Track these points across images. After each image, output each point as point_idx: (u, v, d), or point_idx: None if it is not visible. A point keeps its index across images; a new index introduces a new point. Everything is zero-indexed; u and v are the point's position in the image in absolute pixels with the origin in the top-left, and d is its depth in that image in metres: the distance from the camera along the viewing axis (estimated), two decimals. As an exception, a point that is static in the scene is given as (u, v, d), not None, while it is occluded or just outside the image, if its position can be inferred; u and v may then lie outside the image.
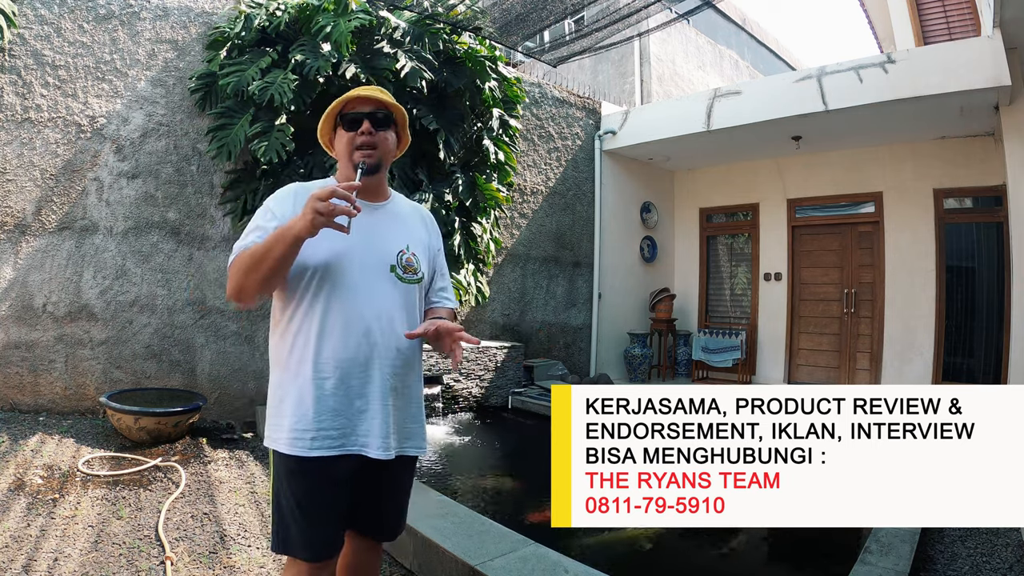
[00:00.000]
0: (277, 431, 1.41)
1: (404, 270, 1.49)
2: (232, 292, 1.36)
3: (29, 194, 3.96)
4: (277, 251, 1.27)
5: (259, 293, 1.35)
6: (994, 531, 2.76)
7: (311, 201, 1.22)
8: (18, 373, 3.92)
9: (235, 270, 1.34)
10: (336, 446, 1.37)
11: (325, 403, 1.38)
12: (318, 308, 1.39)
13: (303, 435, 1.37)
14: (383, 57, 4.32)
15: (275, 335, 1.47)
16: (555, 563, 2.13)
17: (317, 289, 1.40)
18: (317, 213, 1.21)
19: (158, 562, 2.39)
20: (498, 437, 4.73)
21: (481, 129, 5.12)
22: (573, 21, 5.72)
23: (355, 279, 1.41)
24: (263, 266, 1.29)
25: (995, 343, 5.74)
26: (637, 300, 7.55)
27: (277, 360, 1.46)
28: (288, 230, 1.26)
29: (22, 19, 3.94)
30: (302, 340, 1.40)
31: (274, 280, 1.34)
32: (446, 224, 4.92)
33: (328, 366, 1.39)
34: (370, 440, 1.40)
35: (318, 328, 1.39)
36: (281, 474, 1.42)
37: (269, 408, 1.46)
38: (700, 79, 10.18)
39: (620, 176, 7.36)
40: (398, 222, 1.56)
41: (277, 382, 1.45)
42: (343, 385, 1.39)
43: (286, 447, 1.38)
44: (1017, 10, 3.95)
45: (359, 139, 1.46)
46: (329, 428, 1.37)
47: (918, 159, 6.22)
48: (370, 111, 1.48)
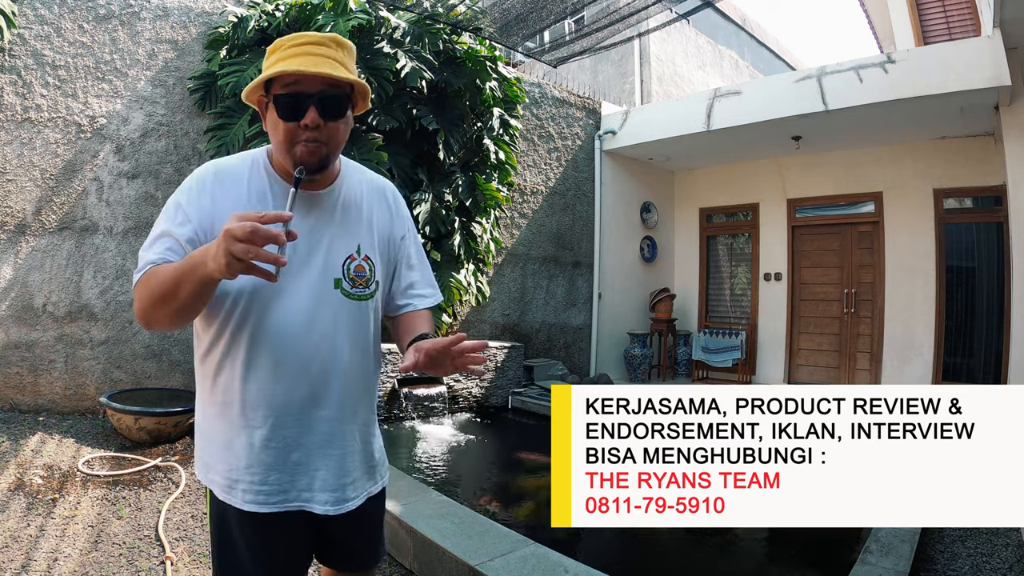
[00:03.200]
0: (209, 471, 1.18)
1: (353, 283, 1.18)
2: (141, 318, 1.08)
3: (29, 194, 3.97)
4: (187, 290, 0.98)
5: (172, 325, 1.08)
6: (994, 531, 2.76)
7: (226, 239, 0.88)
8: (18, 373, 3.92)
9: (141, 295, 1.05)
10: (275, 502, 1.15)
11: (256, 456, 1.13)
12: (242, 341, 1.12)
13: (235, 484, 1.14)
14: (383, 57, 4.32)
15: (197, 358, 1.20)
16: (555, 563, 2.13)
17: (242, 317, 1.11)
18: (233, 258, 0.88)
19: (158, 562, 2.39)
20: (498, 437, 4.73)
21: (481, 129, 5.12)
22: (573, 21, 5.72)
23: (288, 305, 1.12)
24: (172, 301, 1.00)
25: (995, 343, 5.74)
26: (637, 300, 7.55)
27: (201, 390, 1.21)
28: (197, 267, 0.95)
29: (22, 19, 3.94)
30: (226, 378, 1.14)
31: (188, 316, 1.07)
32: (446, 224, 4.93)
33: (257, 414, 1.13)
34: (314, 495, 1.17)
35: (243, 366, 1.12)
36: (217, 516, 1.19)
37: (198, 435, 1.23)
38: (700, 79, 10.18)
39: (620, 176, 7.36)
40: (346, 215, 1.21)
41: (203, 414, 1.21)
42: (276, 436, 1.14)
43: (220, 492, 1.16)
44: (1017, 10, 3.95)
45: (304, 133, 1.09)
46: (262, 483, 1.14)
47: (918, 159, 6.23)
48: (318, 92, 1.08)
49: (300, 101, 1.08)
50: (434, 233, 4.85)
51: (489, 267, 5.80)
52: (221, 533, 1.19)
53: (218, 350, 1.14)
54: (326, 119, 1.09)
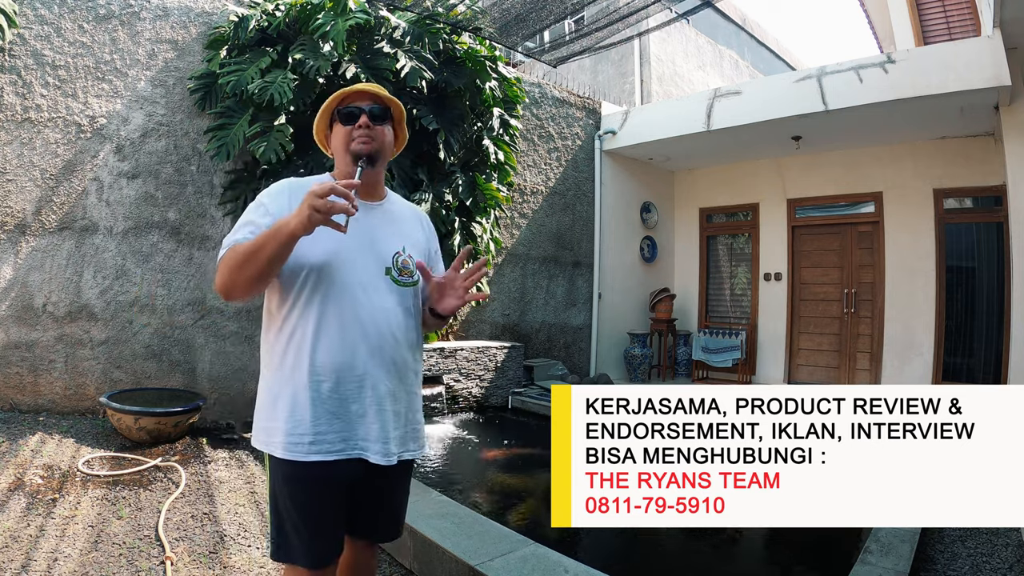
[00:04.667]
0: (271, 434, 1.36)
1: (400, 273, 1.46)
2: (221, 288, 1.31)
3: (29, 194, 3.96)
4: (270, 248, 1.23)
5: (249, 291, 1.30)
6: (994, 531, 2.76)
7: (308, 198, 1.18)
8: (18, 373, 3.92)
9: (225, 266, 1.29)
10: (335, 450, 1.34)
11: (322, 406, 1.34)
12: (314, 309, 1.35)
13: (300, 439, 1.32)
14: (383, 57, 4.32)
15: (268, 335, 1.43)
16: (555, 563, 2.13)
17: (313, 290, 1.36)
18: (314, 210, 1.17)
19: (158, 562, 2.39)
20: (498, 437, 4.73)
21: (481, 129, 5.12)
22: (573, 21, 5.72)
23: (351, 280, 1.38)
24: (255, 263, 1.24)
25: (995, 343, 5.74)
26: (637, 300, 7.55)
27: (270, 360, 1.41)
28: (283, 227, 1.22)
29: (22, 19, 3.94)
30: (297, 341, 1.36)
31: (266, 278, 1.30)
32: (446, 224, 4.92)
33: (324, 369, 1.34)
34: (369, 445, 1.37)
35: (314, 330, 1.35)
36: (279, 479, 1.38)
37: (260, 410, 1.41)
38: (700, 79, 10.18)
39: (620, 176, 7.36)
40: (394, 223, 1.53)
41: (270, 383, 1.40)
42: (339, 388, 1.35)
43: (282, 451, 1.33)
44: (1017, 10, 3.95)
45: (356, 131, 1.43)
46: (327, 432, 1.33)
47: (918, 159, 6.22)
48: (367, 106, 1.46)
49: (354, 112, 1.46)
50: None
51: (489, 267, 5.80)
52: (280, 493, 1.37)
53: (292, 319, 1.37)
54: (374, 123, 1.45)
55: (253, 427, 1.42)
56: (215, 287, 1.33)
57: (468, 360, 5.31)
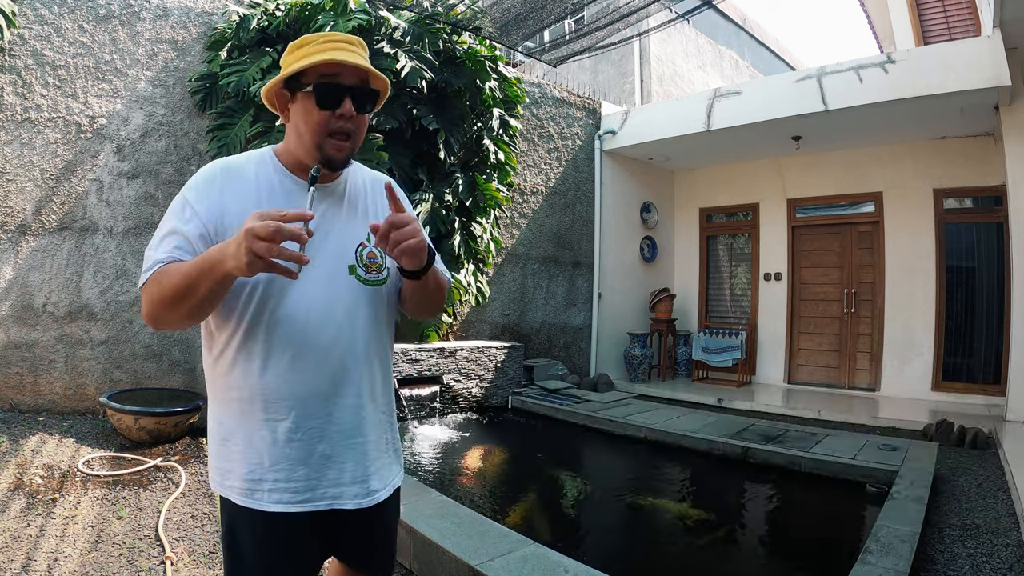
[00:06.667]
0: (226, 477, 1.13)
1: (366, 269, 1.18)
2: (150, 320, 1.06)
3: (29, 194, 3.97)
4: (203, 288, 0.97)
5: (182, 325, 1.06)
6: (994, 531, 2.76)
7: (247, 238, 0.89)
8: (18, 373, 3.92)
9: (152, 298, 1.03)
10: (300, 500, 1.11)
11: (280, 451, 1.10)
12: (260, 331, 1.09)
13: (258, 486, 1.10)
14: (383, 57, 4.32)
15: (209, 359, 1.16)
16: (555, 563, 2.13)
17: (259, 307, 1.09)
18: (255, 256, 0.89)
19: (158, 562, 2.39)
20: (498, 437, 4.73)
21: (481, 129, 5.12)
22: (573, 21, 5.73)
23: (306, 289, 1.10)
24: (186, 302, 0.99)
25: (995, 343, 5.74)
26: (637, 300, 7.55)
27: (214, 391, 1.16)
28: (217, 264, 0.94)
29: (22, 19, 3.94)
30: (243, 371, 1.10)
31: (204, 313, 1.05)
32: (446, 224, 4.93)
33: (281, 405, 1.10)
34: (343, 490, 1.14)
35: (262, 356, 1.09)
36: (233, 525, 1.15)
37: (212, 444, 1.18)
38: (700, 79, 10.18)
39: (620, 176, 7.36)
40: (353, 206, 1.22)
41: (218, 418, 1.16)
42: (301, 427, 1.11)
43: (240, 498, 1.12)
44: (1017, 10, 3.95)
45: (337, 123, 1.11)
46: (288, 481, 1.10)
47: (918, 159, 6.23)
48: (354, 85, 1.12)
49: (339, 90, 1.10)
50: (434, 233, 4.85)
51: (489, 267, 5.80)
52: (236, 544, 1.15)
53: (234, 344, 1.11)
54: (358, 111, 1.13)
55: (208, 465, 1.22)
56: (142, 315, 1.08)
57: (468, 360, 5.31)
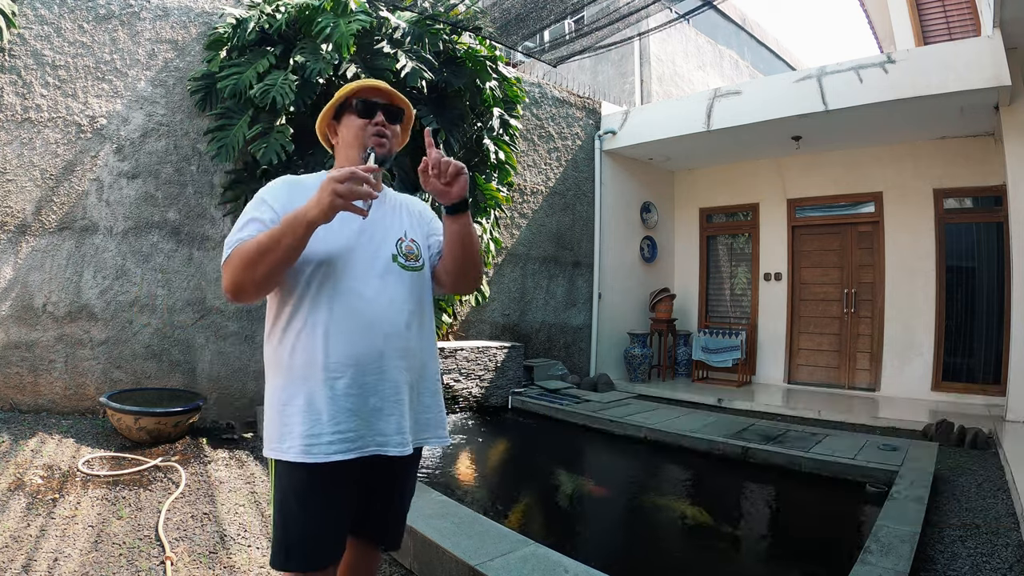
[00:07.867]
0: (285, 439, 1.31)
1: (406, 258, 1.44)
2: (231, 288, 1.27)
3: (29, 194, 3.97)
4: (287, 241, 1.20)
5: (261, 290, 1.28)
6: (994, 531, 2.76)
7: (329, 183, 1.16)
8: (18, 373, 3.92)
9: (234, 265, 1.25)
10: (354, 448, 1.30)
11: (339, 404, 1.30)
12: (322, 305, 1.32)
13: (318, 439, 1.28)
14: (383, 57, 4.32)
15: (274, 336, 1.38)
16: (555, 563, 2.13)
17: (320, 285, 1.32)
18: (336, 195, 1.16)
19: (158, 562, 2.39)
20: (498, 437, 4.73)
21: (481, 129, 5.12)
22: (573, 21, 5.73)
23: (359, 271, 1.35)
24: (270, 258, 1.21)
25: (995, 343, 5.74)
26: (637, 300, 7.55)
27: (278, 363, 1.36)
28: (300, 217, 1.19)
29: (22, 19, 3.94)
30: (306, 340, 1.32)
31: (279, 274, 1.27)
32: (446, 224, 4.91)
33: (339, 365, 1.31)
34: (388, 439, 1.34)
35: (324, 326, 1.31)
36: (288, 485, 1.33)
37: (270, 414, 1.36)
38: (700, 79, 10.18)
39: (620, 176, 7.36)
40: (393, 213, 1.51)
41: (280, 386, 1.35)
42: (356, 383, 1.31)
43: (299, 455, 1.28)
44: (1017, 10, 3.95)
45: (373, 127, 1.42)
46: (346, 430, 1.29)
47: (918, 159, 6.23)
48: (385, 103, 1.46)
49: (373, 105, 1.45)
50: (434, 233, 4.85)
51: (489, 267, 5.80)
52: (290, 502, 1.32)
53: (299, 317, 1.33)
54: (389, 121, 1.46)
55: (264, 435, 1.38)
56: (224, 289, 1.30)
57: (468, 360, 5.31)
